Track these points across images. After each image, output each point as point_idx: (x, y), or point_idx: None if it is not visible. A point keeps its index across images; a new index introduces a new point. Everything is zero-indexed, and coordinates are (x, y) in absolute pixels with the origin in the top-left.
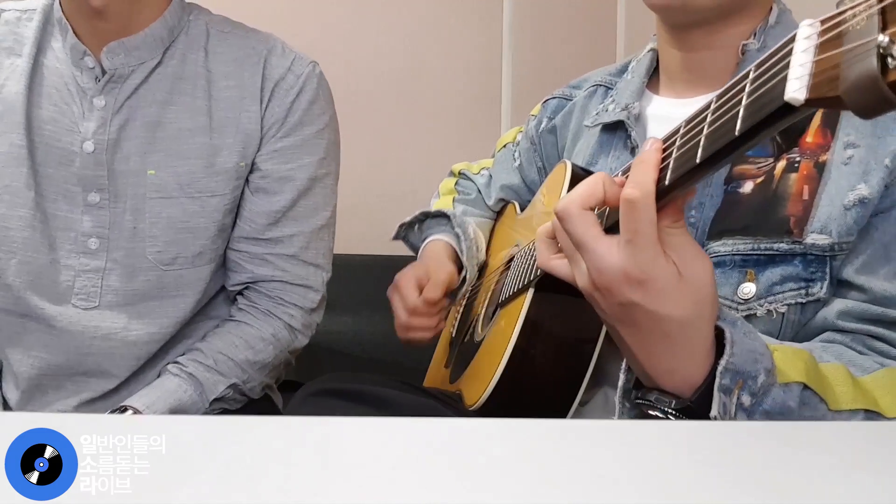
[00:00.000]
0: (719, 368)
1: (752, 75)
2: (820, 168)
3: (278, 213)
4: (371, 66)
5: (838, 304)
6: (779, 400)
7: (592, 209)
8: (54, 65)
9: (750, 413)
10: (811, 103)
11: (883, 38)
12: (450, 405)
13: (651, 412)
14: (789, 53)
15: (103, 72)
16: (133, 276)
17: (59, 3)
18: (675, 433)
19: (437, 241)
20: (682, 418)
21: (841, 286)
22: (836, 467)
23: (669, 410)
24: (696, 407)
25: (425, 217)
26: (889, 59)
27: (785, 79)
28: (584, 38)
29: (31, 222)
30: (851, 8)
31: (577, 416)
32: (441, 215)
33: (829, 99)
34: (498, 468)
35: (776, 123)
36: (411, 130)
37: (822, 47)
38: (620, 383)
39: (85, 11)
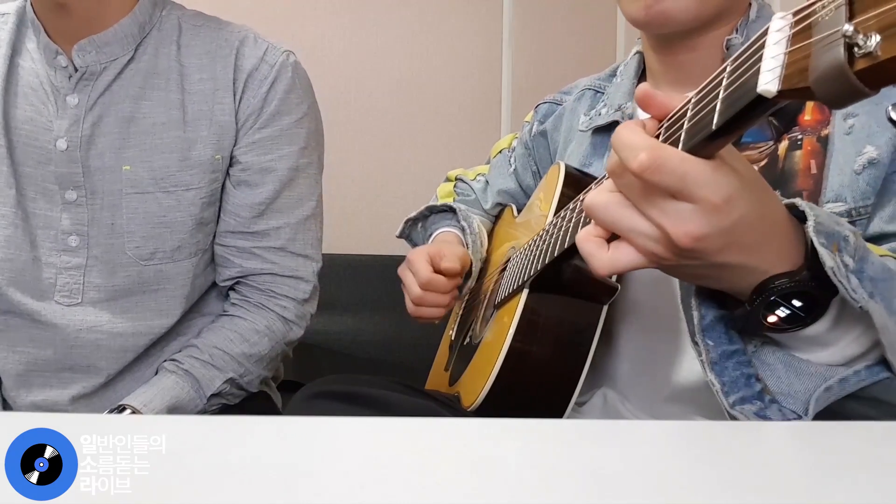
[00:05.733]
0: (809, 229)
1: (728, 69)
2: (823, 142)
3: (262, 205)
4: (371, 68)
5: (876, 250)
6: (878, 264)
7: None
8: (30, 65)
9: (860, 278)
10: (784, 95)
11: (849, 28)
12: (448, 407)
13: (771, 317)
14: (762, 46)
15: (76, 69)
16: (114, 273)
17: (31, 3)
18: (674, 433)
19: (445, 233)
20: (806, 306)
21: (872, 240)
22: (838, 467)
23: (795, 292)
24: (814, 273)
25: (430, 213)
26: (855, 49)
27: (758, 71)
28: (584, 39)
29: (12, 220)
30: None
31: (575, 416)
32: (447, 209)
33: (800, 90)
34: (497, 468)
35: (751, 115)
36: (412, 131)
37: (793, 39)
38: (696, 321)
39: (50, 7)
